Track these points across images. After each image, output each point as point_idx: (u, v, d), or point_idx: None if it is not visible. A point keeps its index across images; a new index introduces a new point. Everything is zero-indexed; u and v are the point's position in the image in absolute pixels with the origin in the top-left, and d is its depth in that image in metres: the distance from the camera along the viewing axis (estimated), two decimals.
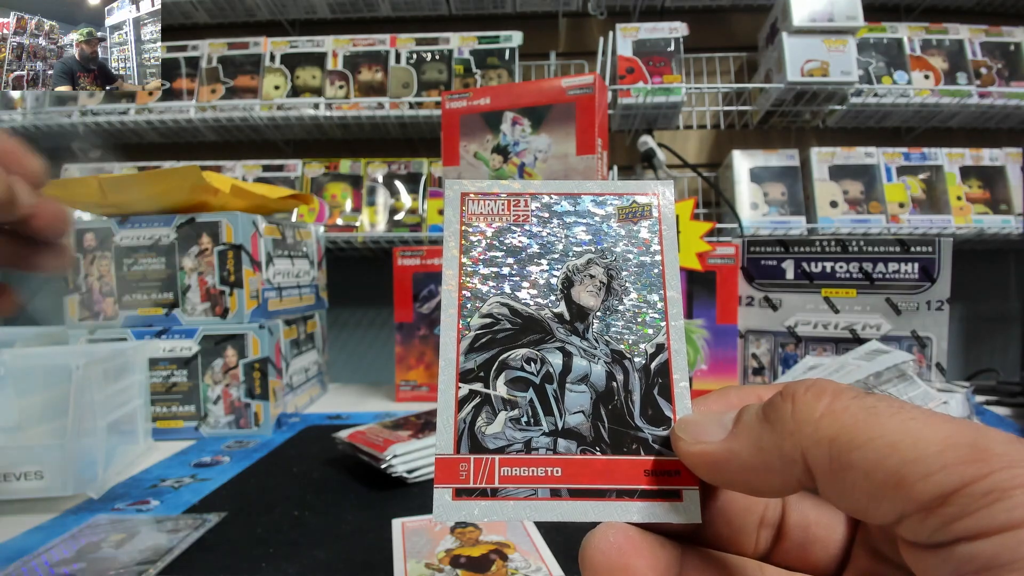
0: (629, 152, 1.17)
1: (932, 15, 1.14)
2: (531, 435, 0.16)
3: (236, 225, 0.63)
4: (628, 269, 0.18)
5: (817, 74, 0.99)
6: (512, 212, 0.19)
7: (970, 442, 0.11)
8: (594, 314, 0.18)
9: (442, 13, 1.18)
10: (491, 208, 0.19)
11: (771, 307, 0.75)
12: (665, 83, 1.01)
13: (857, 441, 0.12)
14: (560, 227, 0.18)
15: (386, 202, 1.10)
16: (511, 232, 0.18)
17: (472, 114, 0.68)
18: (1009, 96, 1.04)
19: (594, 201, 0.19)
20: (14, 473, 0.45)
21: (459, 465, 0.16)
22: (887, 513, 0.12)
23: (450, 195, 0.19)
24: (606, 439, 0.16)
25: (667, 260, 0.18)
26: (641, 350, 0.17)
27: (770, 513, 0.17)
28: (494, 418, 0.16)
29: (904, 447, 0.11)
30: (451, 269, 0.18)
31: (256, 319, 0.64)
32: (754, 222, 1.04)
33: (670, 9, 1.16)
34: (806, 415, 0.13)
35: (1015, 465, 0.10)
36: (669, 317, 0.17)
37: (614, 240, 0.18)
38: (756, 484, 0.14)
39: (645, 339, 0.17)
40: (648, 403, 0.17)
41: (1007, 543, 0.10)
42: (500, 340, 0.17)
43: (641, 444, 0.16)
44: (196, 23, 1.21)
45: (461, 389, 0.16)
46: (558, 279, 0.18)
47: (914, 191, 1.05)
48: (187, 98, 1.10)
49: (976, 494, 0.10)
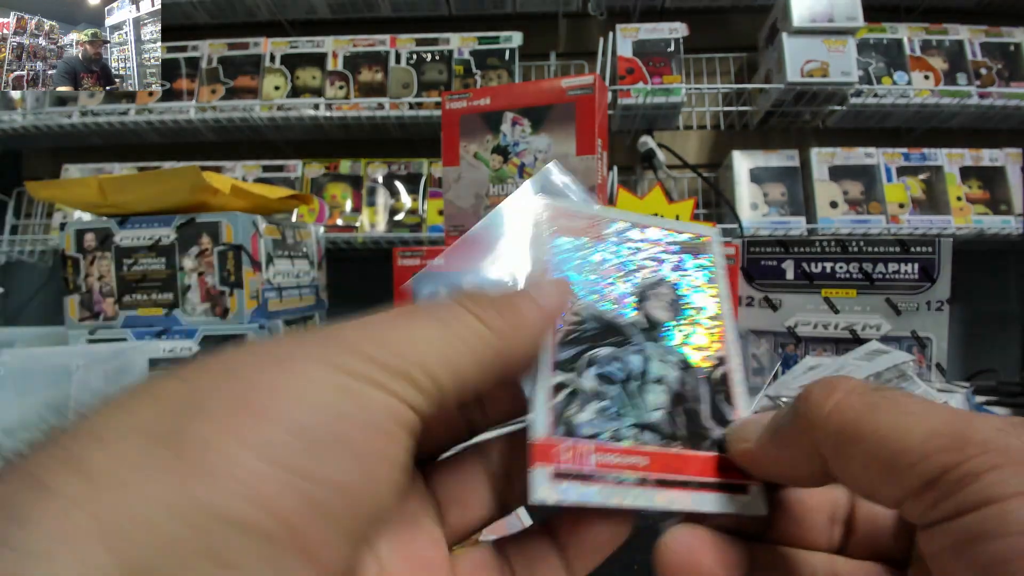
0: (629, 152, 1.17)
1: (932, 15, 1.14)
2: (618, 426, 0.17)
3: (236, 225, 0.63)
4: (691, 290, 0.20)
5: (817, 74, 0.99)
6: (592, 232, 0.21)
7: (952, 431, 0.12)
8: (663, 326, 0.19)
9: (442, 14, 1.18)
10: (575, 226, 0.21)
11: (771, 307, 0.75)
12: (665, 84, 1.01)
13: (857, 436, 0.13)
14: (632, 251, 0.21)
15: (386, 202, 1.10)
16: (591, 248, 0.20)
17: (472, 114, 0.68)
18: (1009, 96, 1.04)
19: (662, 229, 0.21)
20: None
21: (557, 448, 0.16)
22: (889, 498, 0.13)
23: (538, 209, 0.21)
24: (683, 434, 0.18)
25: (722, 286, 0.21)
26: (704, 362, 0.19)
27: (840, 510, 0.18)
28: (584, 407, 0.17)
29: (893, 440, 0.13)
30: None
31: (256, 319, 0.64)
32: (754, 222, 1.04)
33: (670, 10, 1.16)
34: (817, 412, 0.14)
35: (990, 450, 0.12)
36: (727, 332, 0.20)
37: (680, 265, 0.21)
38: (791, 476, 0.16)
39: (707, 352, 0.19)
40: (715, 407, 0.18)
41: (986, 516, 0.11)
42: (587, 338, 0.18)
43: (713, 442, 0.18)
44: (196, 23, 1.21)
45: (556, 376, 0.17)
46: (633, 293, 0.20)
47: (914, 191, 1.04)
48: (187, 98, 1.10)
49: (953, 479, 0.12)
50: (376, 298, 0.95)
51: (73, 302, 0.65)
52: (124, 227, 0.64)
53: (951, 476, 0.12)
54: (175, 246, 0.64)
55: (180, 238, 0.63)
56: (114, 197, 0.62)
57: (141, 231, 0.64)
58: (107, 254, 0.64)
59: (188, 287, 0.64)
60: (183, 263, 0.64)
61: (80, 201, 0.64)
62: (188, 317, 0.64)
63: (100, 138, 1.17)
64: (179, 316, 0.64)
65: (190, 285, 0.64)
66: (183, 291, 0.64)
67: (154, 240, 0.64)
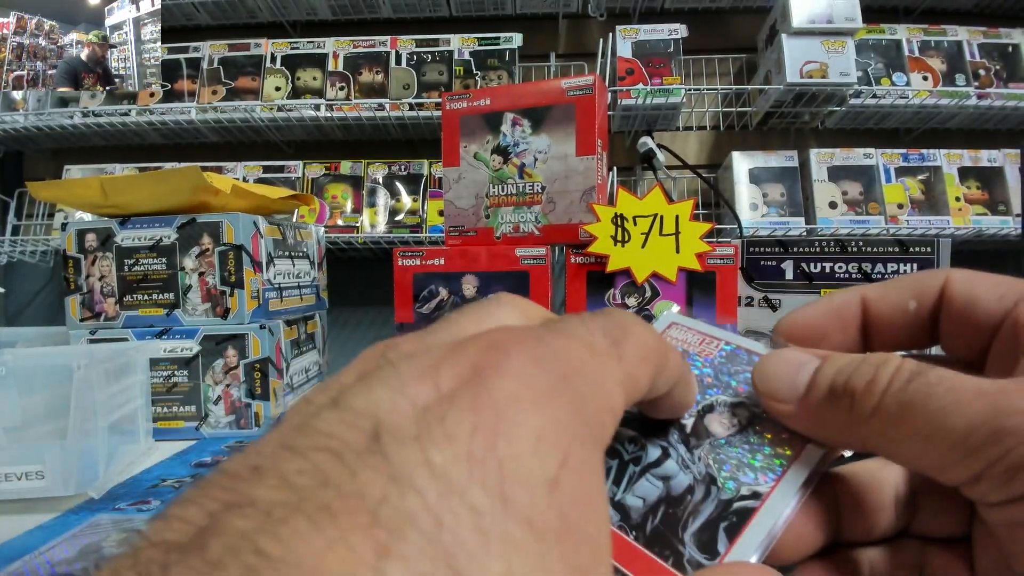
0: (629, 153, 1.17)
1: (930, 17, 1.15)
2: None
3: (237, 226, 0.63)
4: (769, 424, 0.18)
5: (816, 75, 0.99)
6: (701, 347, 0.21)
7: (989, 425, 0.13)
8: (714, 440, 0.18)
9: (442, 15, 1.19)
10: (687, 337, 0.21)
11: (771, 307, 0.75)
12: (665, 84, 1.01)
13: (901, 434, 0.14)
14: (732, 372, 0.20)
15: (386, 203, 1.10)
16: (693, 359, 0.21)
17: (472, 115, 0.69)
18: (1007, 97, 1.04)
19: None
20: (15, 473, 0.45)
21: None
22: (942, 481, 0.14)
23: (664, 318, 0.23)
24: (646, 531, 0.16)
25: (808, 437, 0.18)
26: (733, 487, 0.17)
27: (903, 489, 0.18)
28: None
29: (937, 439, 0.13)
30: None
31: (257, 319, 0.64)
32: (753, 223, 1.04)
33: (669, 11, 1.16)
34: (861, 413, 0.15)
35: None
36: (785, 477, 0.17)
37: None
38: (833, 442, 0.16)
39: (745, 481, 0.17)
40: (708, 529, 0.16)
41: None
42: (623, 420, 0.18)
43: (674, 555, 0.16)
44: (198, 25, 1.21)
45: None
46: (703, 404, 0.19)
47: (913, 192, 1.05)
48: (188, 99, 1.10)
49: (999, 472, 0.12)
50: (376, 298, 0.96)
51: (74, 302, 0.65)
52: (125, 227, 0.64)
53: (996, 469, 0.12)
54: (176, 246, 0.64)
55: (181, 238, 0.64)
56: (115, 197, 0.62)
57: (142, 231, 0.64)
58: (108, 254, 0.65)
59: (189, 287, 0.64)
60: (184, 263, 0.64)
61: (81, 201, 0.64)
62: (189, 317, 0.64)
63: (101, 139, 1.17)
64: (180, 316, 0.64)
65: (191, 285, 0.64)
66: (184, 291, 0.64)
67: (155, 240, 0.64)
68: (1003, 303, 0.16)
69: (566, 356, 0.12)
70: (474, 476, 0.09)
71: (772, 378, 0.17)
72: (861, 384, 0.15)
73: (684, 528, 0.16)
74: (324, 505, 0.08)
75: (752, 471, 0.17)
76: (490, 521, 0.09)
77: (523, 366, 0.11)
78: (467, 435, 0.09)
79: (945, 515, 0.17)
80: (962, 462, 0.13)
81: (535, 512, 0.09)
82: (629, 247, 0.61)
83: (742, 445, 0.18)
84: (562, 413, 0.11)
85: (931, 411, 0.13)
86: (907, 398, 0.14)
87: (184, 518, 0.09)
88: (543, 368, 0.11)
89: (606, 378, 0.12)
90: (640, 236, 0.61)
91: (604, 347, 0.13)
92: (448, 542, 0.08)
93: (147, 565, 0.08)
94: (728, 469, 0.17)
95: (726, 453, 0.18)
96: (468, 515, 0.09)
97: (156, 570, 0.08)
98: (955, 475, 0.13)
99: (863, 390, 0.15)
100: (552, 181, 0.66)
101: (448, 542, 0.08)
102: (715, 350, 0.21)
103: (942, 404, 0.13)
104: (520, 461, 0.10)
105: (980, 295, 0.16)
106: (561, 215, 0.65)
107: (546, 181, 0.66)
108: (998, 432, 0.12)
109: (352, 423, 0.10)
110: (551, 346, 0.12)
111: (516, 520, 0.09)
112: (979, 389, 0.13)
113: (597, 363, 0.12)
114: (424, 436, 0.09)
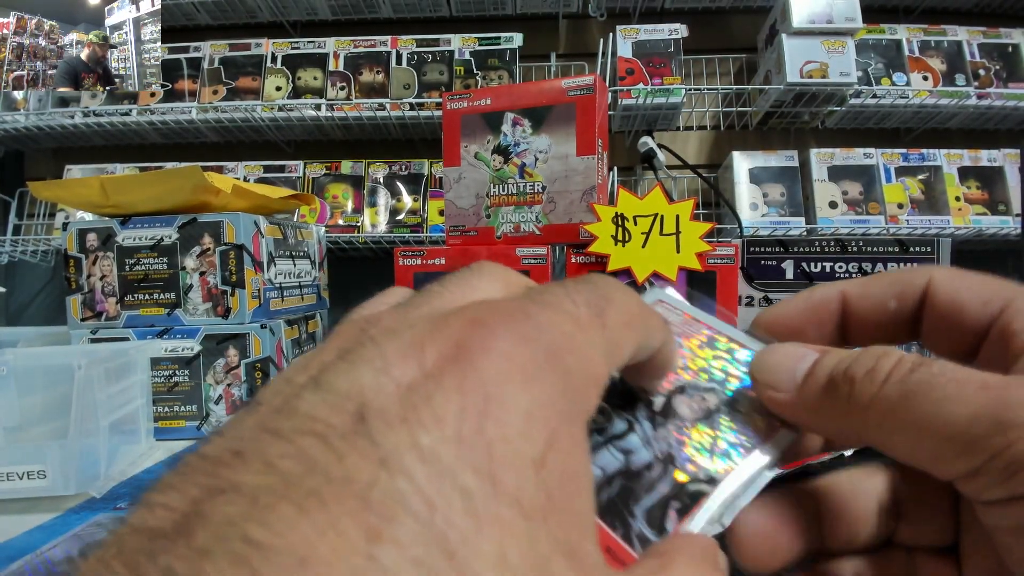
0: (629, 153, 1.17)
1: (930, 16, 1.15)
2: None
3: (238, 225, 0.63)
4: (740, 416, 0.18)
5: (816, 75, 0.99)
6: (683, 328, 0.21)
7: (992, 416, 0.12)
8: (679, 422, 0.18)
9: (443, 15, 1.19)
10: (671, 317, 0.21)
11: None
12: (665, 84, 1.01)
13: (899, 425, 0.14)
14: (714, 357, 0.20)
15: (387, 203, 1.10)
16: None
17: (473, 115, 0.69)
18: (1007, 97, 1.04)
19: (752, 355, 0.19)
20: (16, 472, 0.45)
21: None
22: (939, 476, 0.14)
23: (652, 293, 0.23)
24: (601, 500, 0.16)
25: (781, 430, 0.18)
26: (691, 470, 0.17)
27: (886, 498, 0.18)
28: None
29: (937, 429, 0.13)
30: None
31: (258, 319, 0.65)
32: (754, 222, 1.04)
33: (670, 11, 1.16)
34: (859, 401, 0.14)
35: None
36: (741, 465, 0.17)
37: (746, 393, 0.19)
38: (827, 433, 0.16)
39: (703, 465, 0.17)
40: (660, 507, 0.16)
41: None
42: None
43: (624, 527, 0.16)
44: (198, 24, 1.21)
45: None
46: (675, 385, 0.19)
47: (913, 192, 1.05)
48: (189, 99, 1.10)
49: (1001, 466, 0.12)
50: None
51: (75, 302, 0.65)
52: (126, 227, 0.64)
53: (997, 463, 0.12)
54: (177, 246, 0.64)
55: (182, 238, 0.64)
56: (116, 197, 0.62)
57: (143, 231, 0.64)
58: (109, 254, 0.65)
59: (190, 287, 0.64)
60: (185, 263, 0.64)
61: (82, 201, 0.64)
62: (190, 317, 0.64)
63: (102, 138, 1.17)
64: (181, 316, 0.64)
65: (192, 285, 0.64)
66: (185, 291, 0.64)
67: (156, 240, 0.64)
68: (988, 308, 0.16)
69: (551, 331, 0.11)
70: (464, 458, 0.09)
71: (771, 368, 0.17)
72: (861, 372, 0.15)
73: (637, 502, 0.16)
74: (312, 490, 0.08)
75: (712, 456, 0.17)
76: (481, 503, 0.09)
77: (509, 343, 0.11)
78: (455, 417, 0.09)
79: (930, 523, 0.17)
80: (961, 454, 0.13)
81: (523, 493, 0.09)
82: (630, 247, 0.61)
83: (706, 430, 0.18)
84: (548, 391, 0.11)
85: (933, 400, 0.13)
86: (908, 387, 0.14)
87: (167, 505, 0.09)
88: (529, 345, 0.11)
89: (591, 350, 0.12)
90: (640, 236, 0.61)
91: (588, 318, 0.12)
92: (440, 525, 0.08)
93: (133, 554, 0.08)
94: (688, 452, 0.17)
95: (689, 435, 0.18)
96: (459, 498, 0.09)
97: (143, 559, 0.08)
98: (953, 468, 0.13)
99: (863, 378, 0.14)
100: (552, 181, 0.66)
101: (440, 525, 0.08)
102: (696, 333, 0.20)
103: (945, 393, 0.13)
104: (508, 442, 0.10)
105: (965, 299, 0.16)
106: (561, 215, 0.66)
107: (546, 181, 0.66)
108: (1002, 423, 0.12)
109: (336, 405, 0.10)
110: (536, 321, 0.11)
111: (506, 501, 0.09)
112: (983, 381, 0.13)
113: (583, 336, 0.12)
114: (411, 418, 0.09)
